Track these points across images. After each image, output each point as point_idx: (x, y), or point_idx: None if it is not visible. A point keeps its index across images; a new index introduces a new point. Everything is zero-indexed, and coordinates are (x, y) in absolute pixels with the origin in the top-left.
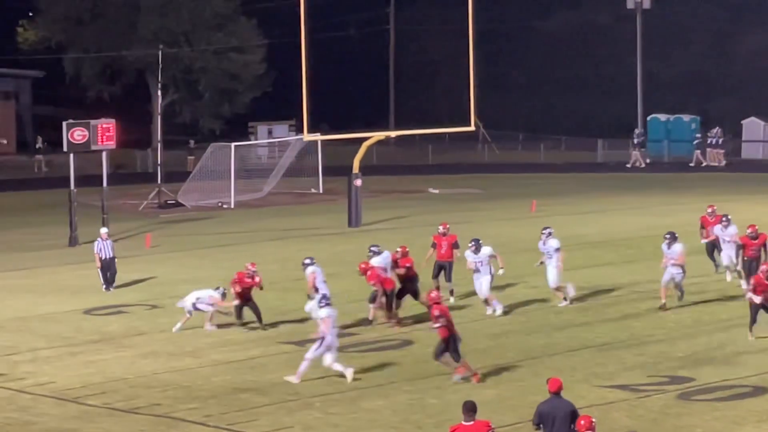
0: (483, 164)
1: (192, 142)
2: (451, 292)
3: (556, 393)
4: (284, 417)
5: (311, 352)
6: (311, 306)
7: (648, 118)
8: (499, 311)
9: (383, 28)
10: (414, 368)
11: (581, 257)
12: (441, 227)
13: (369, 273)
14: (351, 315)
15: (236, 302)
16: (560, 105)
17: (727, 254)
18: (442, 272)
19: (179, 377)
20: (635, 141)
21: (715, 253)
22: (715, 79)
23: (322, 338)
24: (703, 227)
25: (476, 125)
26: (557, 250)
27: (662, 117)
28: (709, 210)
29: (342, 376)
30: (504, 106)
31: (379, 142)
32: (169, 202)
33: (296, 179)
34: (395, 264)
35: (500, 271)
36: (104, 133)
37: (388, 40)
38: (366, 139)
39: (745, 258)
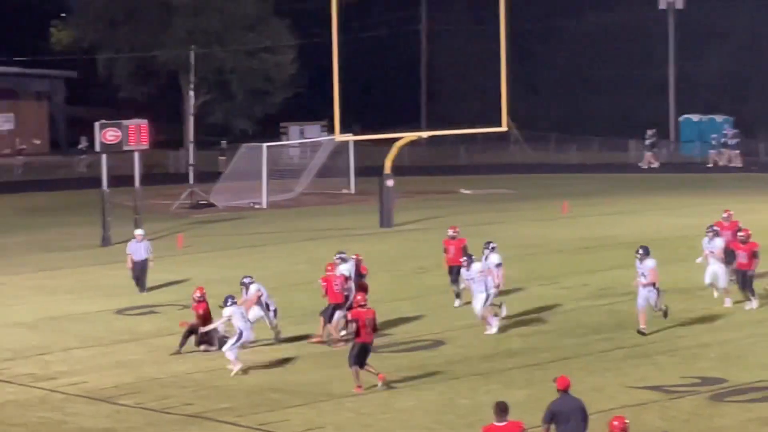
0: (515, 164)
1: (224, 142)
2: (458, 295)
3: (566, 390)
4: (316, 417)
5: (230, 346)
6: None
7: (681, 119)
8: (494, 329)
9: (415, 29)
10: (446, 368)
11: (613, 258)
12: (450, 231)
13: (328, 286)
14: (384, 315)
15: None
16: (593, 105)
17: (712, 270)
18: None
19: (211, 377)
20: (647, 142)
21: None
22: (748, 79)
23: (240, 333)
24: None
25: (508, 125)
26: (498, 266)
27: (695, 117)
28: (725, 215)
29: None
30: (536, 107)
31: (411, 143)
32: (201, 202)
33: (328, 180)
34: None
35: (492, 290)
36: (137, 133)
37: (420, 40)
38: (398, 139)
39: (737, 269)
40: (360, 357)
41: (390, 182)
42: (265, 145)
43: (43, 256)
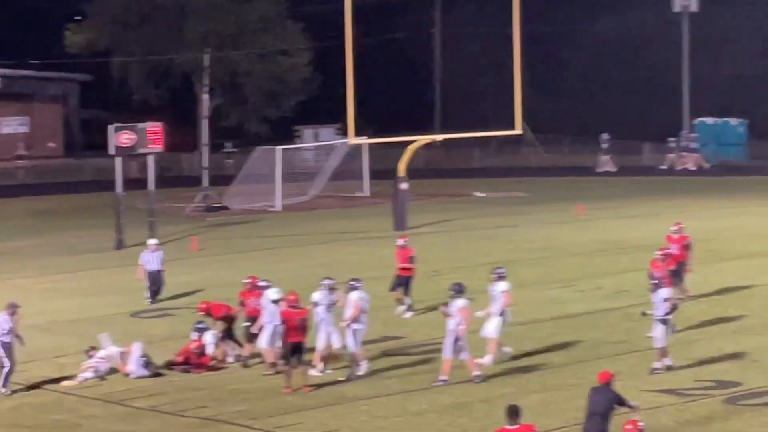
0: (529, 168)
1: (229, 144)
2: (408, 307)
3: (603, 384)
4: (330, 420)
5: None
6: None
7: (695, 122)
8: (364, 370)
9: (429, 32)
10: (460, 371)
11: (628, 261)
12: (400, 240)
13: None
14: (398, 318)
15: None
16: (607, 108)
17: (494, 322)
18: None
19: (226, 380)
20: (603, 146)
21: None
22: (763, 82)
23: None
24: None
25: (523, 129)
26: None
27: (710, 120)
28: (674, 228)
29: None
30: (550, 110)
31: (425, 146)
32: (215, 205)
33: (342, 183)
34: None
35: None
36: (151, 136)
37: (435, 43)
38: (412, 142)
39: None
40: (291, 356)
41: (404, 185)
42: (279, 147)
43: (57, 259)
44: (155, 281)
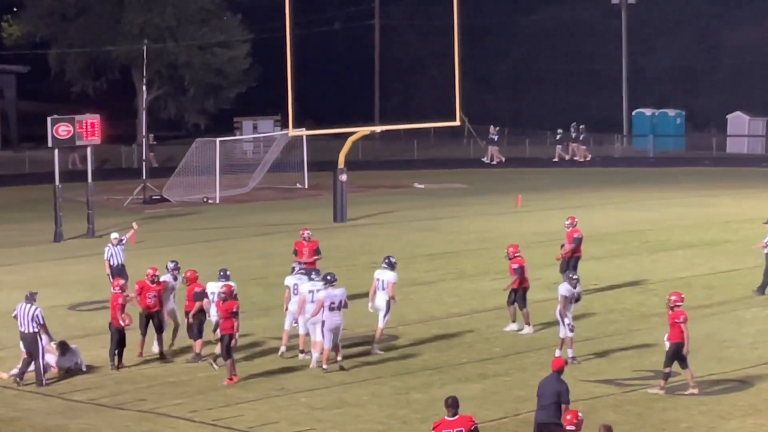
0: (468, 159)
1: (151, 136)
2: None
3: (555, 371)
4: (270, 412)
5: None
6: None
7: (633, 113)
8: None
9: (368, 23)
10: (399, 363)
11: None
12: (304, 232)
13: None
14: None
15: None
16: (546, 100)
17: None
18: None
19: (165, 373)
20: (495, 137)
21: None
22: (700, 73)
23: None
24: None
25: (461, 120)
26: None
27: (647, 111)
28: (568, 222)
29: None
30: (489, 102)
31: (365, 138)
32: (154, 197)
33: (281, 174)
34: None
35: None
36: (89, 128)
37: (374, 35)
38: (351, 134)
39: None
40: (229, 347)
41: (343, 177)
42: (218, 139)
43: None
44: (120, 275)
